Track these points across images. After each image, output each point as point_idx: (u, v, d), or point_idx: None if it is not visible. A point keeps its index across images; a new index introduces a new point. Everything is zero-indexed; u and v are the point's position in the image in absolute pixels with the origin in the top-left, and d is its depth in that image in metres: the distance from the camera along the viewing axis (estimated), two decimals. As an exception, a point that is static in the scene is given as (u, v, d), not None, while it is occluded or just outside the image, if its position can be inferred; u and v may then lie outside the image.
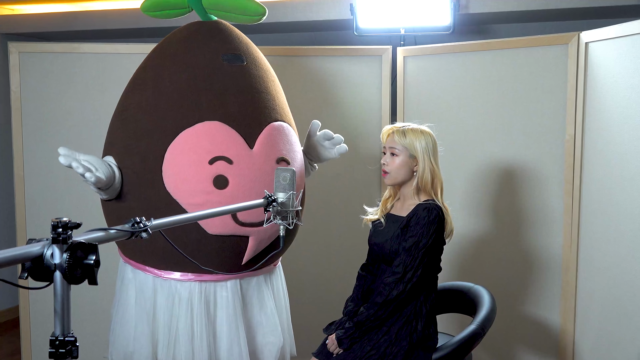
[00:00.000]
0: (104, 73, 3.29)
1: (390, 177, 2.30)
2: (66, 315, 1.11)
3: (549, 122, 3.01)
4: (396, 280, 2.18)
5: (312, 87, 3.41)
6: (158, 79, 2.32)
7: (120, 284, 2.42)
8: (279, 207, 1.96)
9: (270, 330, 2.43)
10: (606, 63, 2.74)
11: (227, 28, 2.44)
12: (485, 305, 2.43)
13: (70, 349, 1.10)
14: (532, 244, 3.11)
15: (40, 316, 3.39)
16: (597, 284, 2.82)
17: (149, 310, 2.31)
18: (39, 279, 1.11)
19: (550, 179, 3.03)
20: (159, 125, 2.24)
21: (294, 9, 3.80)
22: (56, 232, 1.09)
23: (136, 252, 2.33)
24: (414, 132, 2.28)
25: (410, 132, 2.28)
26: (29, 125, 3.32)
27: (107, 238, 1.27)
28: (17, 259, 1.07)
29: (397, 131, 2.29)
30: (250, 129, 2.28)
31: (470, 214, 3.25)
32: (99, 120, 3.19)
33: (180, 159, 2.20)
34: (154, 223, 1.40)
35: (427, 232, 2.18)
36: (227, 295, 2.32)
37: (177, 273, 2.28)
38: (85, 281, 1.12)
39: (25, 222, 3.34)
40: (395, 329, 2.20)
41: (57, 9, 4.33)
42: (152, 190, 2.21)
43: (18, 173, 3.33)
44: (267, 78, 2.43)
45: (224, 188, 2.19)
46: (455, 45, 3.24)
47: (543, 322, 3.09)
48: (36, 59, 3.30)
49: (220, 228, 2.21)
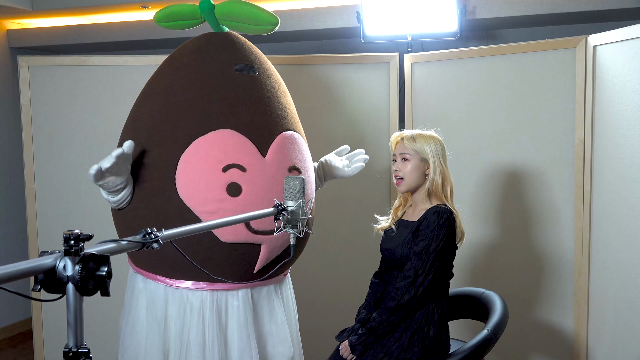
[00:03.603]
0: (114, 85, 3.32)
1: (405, 183, 2.31)
2: (79, 326, 1.12)
3: (558, 126, 3.00)
4: (407, 284, 2.18)
5: (320, 95, 3.42)
6: (170, 88, 2.33)
7: (131, 294, 2.42)
8: (288, 216, 1.96)
9: (281, 340, 2.42)
10: (614, 66, 2.73)
11: (239, 39, 2.46)
12: (497, 311, 2.43)
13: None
14: (543, 248, 3.09)
15: (52, 328, 3.40)
16: (610, 288, 2.80)
17: (160, 321, 2.31)
18: (52, 291, 1.11)
19: (561, 183, 3.02)
20: (172, 134, 2.25)
21: (302, 18, 3.82)
22: (68, 244, 1.10)
23: (147, 262, 2.33)
24: (423, 136, 2.30)
25: (419, 137, 2.30)
26: (39, 139, 3.35)
27: (118, 249, 1.27)
28: (30, 271, 1.07)
29: (407, 137, 2.31)
30: (262, 138, 2.29)
31: (480, 219, 3.24)
32: (109, 133, 3.22)
33: (193, 167, 2.21)
34: (165, 234, 1.40)
35: (437, 236, 2.18)
36: (238, 304, 2.32)
37: (189, 282, 2.29)
38: (97, 293, 1.13)
39: (37, 235, 3.37)
40: (407, 335, 2.20)
41: (66, 22, 4.37)
42: (165, 199, 2.22)
43: (29, 186, 3.35)
44: (278, 88, 2.45)
45: (238, 195, 2.20)
46: (463, 51, 3.24)
47: (556, 327, 3.08)
48: (46, 73, 3.33)
49: (233, 236, 2.22)
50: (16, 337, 4.51)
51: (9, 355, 4.18)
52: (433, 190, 2.29)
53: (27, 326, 4.56)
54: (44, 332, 3.41)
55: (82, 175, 3.33)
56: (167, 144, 2.24)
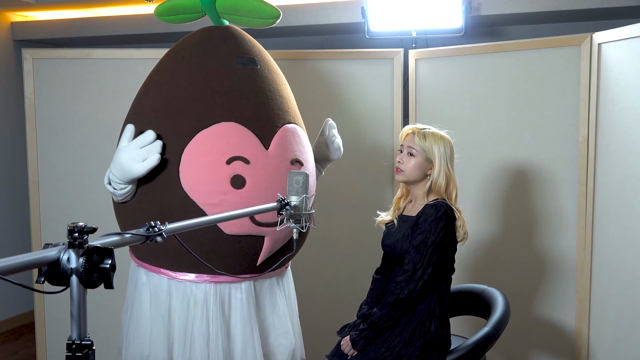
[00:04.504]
0: (118, 78, 3.32)
1: (403, 175, 2.32)
2: (82, 319, 1.12)
3: (562, 123, 3.00)
4: (407, 278, 2.19)
5: (323, 90, 3.42)
6: (172, 81, 2.34)
7: (134, 287, 2.43)
8: (292, 211, 1.97)
9: (282, 333, 2.44)
10: (619, 64, 2.73)
11: (240, 33, 2.46)
12: (499, 308, 2.43)
13: (87, 352, 1.11)
14: (546, 246, 3.10)
15: (55, 321, 3.42)
16: (612, 286, 2.81)
17: (164, 313, 2.32)
18: (56, 284, 1.12)
19: (564, 181, 3.02)
20: (175, 127, 2.26)
21: (305, 13, 3.81)
22: (72, 237, 1.10)
23: (150, 255, 2.34)
24: (434, 136, 2.30)
25: (430, 136, 2.30)
26: (43, 132, 3.36)
27: (122, 242, 1.28)
28: (35, 263, 1.08)
29: (419, 132, 2.31)
30: (265, 131, 2.30)
31: (483, 216, 3.24)
32: (113, 126, 3.21)
33: (197, 160, 2.21)
34: (169, 227, 1.40)
35: (434, 229, 2.19)
36: (241, 296, 2.33)
37: (192, 274, 2.30)
38: (100, 285, 1.14)
39: (40, 228, 3.38)
40: (409, 329, 2.21)
41: (70, 15, 4.38)
42: (169, 192, 2.23)
43: (33, 179, 3.36)
44: (279, 81, 2.45)
45: (241, 188, 2.21)
46: (467, 48, 3.24)
47: (557, 324, 3.08)
48: (50, 65, 3.34)
49: (237, 228, 2.22)
50: (19, 329, 4.53)
51: (11, 348, 4.20)
52: (435, 189, 2.30)
53: (29, 318, 4.58)
54: (46, 325, 3.42)
55: (85, 168, 3.34)
56: (170, 138, 2.25)
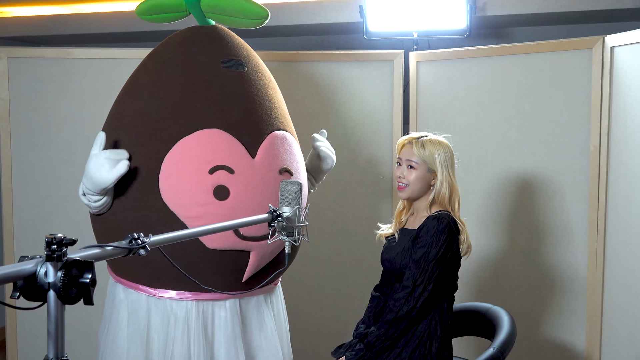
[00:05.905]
0: (100, 79, 3.31)
1: (407, 191, 2.31)
2: (60, 337, 1.12)
3: (572, 131, 3.01)
4: (406, 295, 2.18)
5: (318, 94, 3.42)
6: (154, 85, 2.33)
7: (111, 304, 2.41)
8: (284, 223, 1.96)
9: (271, 355, 2.42)
10: (633, 68, 2.74)
11: (227, 33, 2.46)
12: (504, 328, 2.43)
13: (64, 372, 1.11)
14: (554, 262, 3.10)
15: (28, 338, 3.39)
16: (625, 305, 2.81)
17: (142, 332, 2.30)
18: (32, 299, 1.12)
19: (574, 193, 3.02)
20: (155, 133, 2.25)
21: (300, 12, 3.82)
22: (50, 249, 1.10)
23: (128, 270, 2.33)
24: (433, 143, 2.30)
25: (429, 144, 2.29)
26: (18, 135, 3.34)
27: (103, 255, 1.27)
28: (10, 277, 1.07)
29: (416, 143, 2.30)
30: (251, 138, 2.29)
31: (487, 230, 3.25)
32: (93, 130, 3.17)
33: (178, 168, 2.21)
34: (153, 239, 1.40)
35: (436, 242, 2.18)
36: (225, 315, 2.32)
37: (173, 292, 2.28)
38: (80, 301, 1.13)
39: (12, 239, 3.36)
40: (408, 350, 2.20)
41: (49, 12, 4.37)
42: (148, 202, 2.22)
43: (6, 186, 3.34)
44: (268, 85, 2.45)
45: (225, 199, 2.20)
46: (472, 50, 3.25)
47: (567, 346, 3.08)
48: (27, 65, 3.33)
49: (220, 242, 2.21)
50: (-12, 347, 4.49)
51: (-20, 367, 4.17)
52: (438, 200, 2.30)
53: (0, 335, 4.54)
54: (18, 343, 3.40)
55: (64, 174, 3.33)
56: (150, 144, 2.24)
